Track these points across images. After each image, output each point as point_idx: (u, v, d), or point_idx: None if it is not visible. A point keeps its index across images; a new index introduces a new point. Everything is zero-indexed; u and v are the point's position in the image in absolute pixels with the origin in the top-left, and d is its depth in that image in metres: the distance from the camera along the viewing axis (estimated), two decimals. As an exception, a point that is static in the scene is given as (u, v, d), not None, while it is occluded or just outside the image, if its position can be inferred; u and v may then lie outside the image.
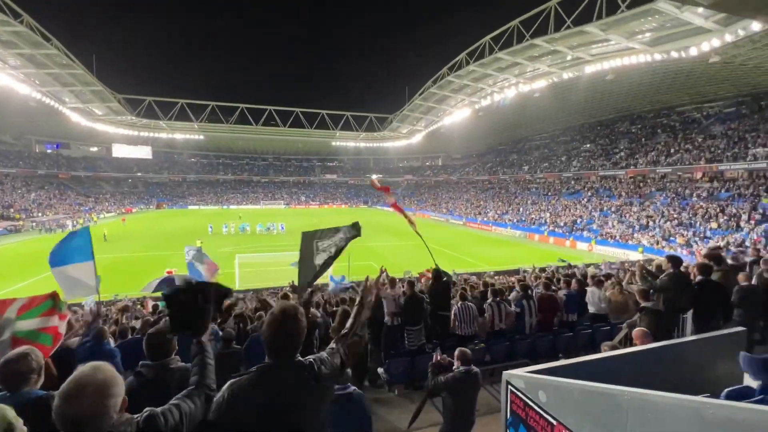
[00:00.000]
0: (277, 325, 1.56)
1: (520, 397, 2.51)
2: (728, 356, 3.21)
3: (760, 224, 23.14)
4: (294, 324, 1.57)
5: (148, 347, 2.14)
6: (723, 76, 29.14)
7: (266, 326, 1.57)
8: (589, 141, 47.43)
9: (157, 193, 69.38)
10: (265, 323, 1.59)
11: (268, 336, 1.56)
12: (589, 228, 32.74)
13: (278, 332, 1.56)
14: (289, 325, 1.56)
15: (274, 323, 1.56)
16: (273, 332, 1.56)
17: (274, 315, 1.58)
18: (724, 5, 4.12)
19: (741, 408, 1.47)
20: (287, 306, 1.63)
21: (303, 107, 58.68)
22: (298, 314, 1.60)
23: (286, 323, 1.56)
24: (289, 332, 1.56)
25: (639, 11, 21.04)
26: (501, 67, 34.40)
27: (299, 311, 1.62)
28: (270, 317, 1.59)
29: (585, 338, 6.21)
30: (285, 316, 1.57)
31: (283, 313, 1.58)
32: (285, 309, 1.60)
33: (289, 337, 1.56)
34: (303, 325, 1.60)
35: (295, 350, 1.58)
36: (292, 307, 1.62)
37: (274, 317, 1.57)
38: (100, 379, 1.20)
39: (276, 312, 1.60)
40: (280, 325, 1.56)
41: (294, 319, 1.58)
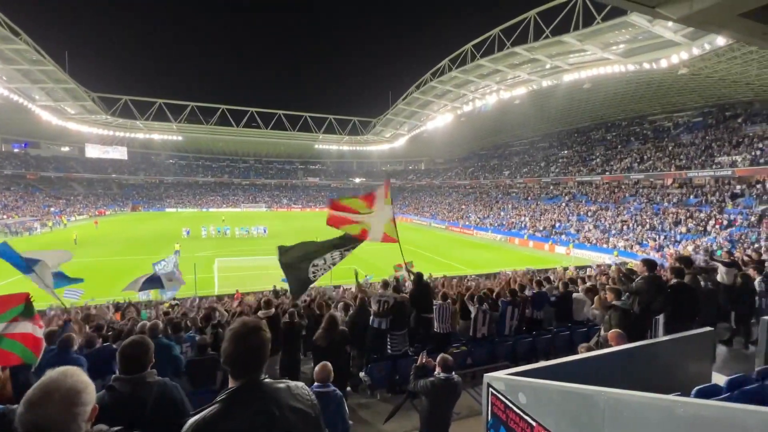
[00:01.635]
0: (241, 339, 1.41)
1: (501, 399, 2.53)
2: (697, 355, 3.34)
3: (725, 229, 24.30)
4: (258, 336, 1.44)
5: (123, 359, 1.96)
6: (691, 88, 30.57)
7: (227, 342, 1.42)
8: (567, 147, 48.79)
9: (133, 195, 67.16)
10: (224, 341, 1.44)
11: (230, 352, 1.40)
12: (567, 232, 33.59)
13: (240, 347, 1.41)
14: (252, 337, 1.43)
15: (235, 337, 1.42)
16: (234, 347, 1.41)
17: (235, 329, 1.44)
18: (691, 20, 4.31)
19: (709, 405, 1.52)
20: (247, 318, 1.53)
21: (286, 110, 58.17)
22: (261, 325, 1.49)
23: (248, 336, 1.42)
24: (252, 345, 1.42)
25: (613, 23, 21.87)
26: (482, 74, 35.04)
27: (262, 323, 1.51)
28: (230, 332, 1.44)
29: (563, 340, 6.35)
30: (247, 328, 1.44)
31: (244, 326, 1.45)
32: (245, 321, 1.48)
33: (252, 351, 1.43)
34: (267, 336, 1.47)
35: (261, 366, 1.45)
36: (252, 318, 1.55)
37: (234, 331, 1.43)
38: (69, 385, 1.11)
39: (236, 326, 1.46)
40: (245, 337, 1.42)
41: (257, 331, 1.45)
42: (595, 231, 31.55)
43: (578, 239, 31.21)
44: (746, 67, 23.63)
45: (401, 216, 60.14)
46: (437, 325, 6.02)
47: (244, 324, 1.46)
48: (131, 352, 1.97)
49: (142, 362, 1.96)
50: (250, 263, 23.00)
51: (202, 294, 15.59)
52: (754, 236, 22.07)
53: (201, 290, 16.05)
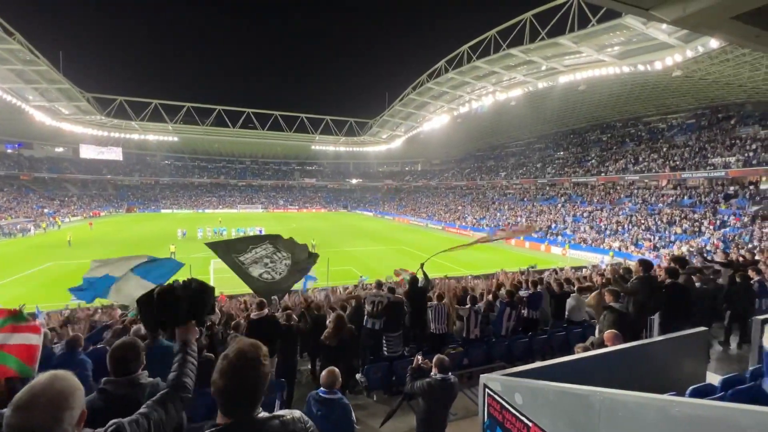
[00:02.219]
0: (234, 374, 1.24)
1: (497, 400, 2.53)
2: (692, 355, 3.36)
3: (719, 229, 24.51)
4: (255, 371, 1.26)
5: (113, 361, 1.95)
6: (685, 90, 30.83)
7: (219, 374, 1.24)
8: (563, 149, 49.04)
9: (128, 196, 66.74)
10: (216, 370, 1.26)
11: (222, 387, 1.23)
12: (563, 233, 33.73)
13: (236, 382, 1.24)
14: (250, 374, 1.25)
15: (231, 371, 1.24)
16: (229, 382, 1.24)
17: (229, 360, 1.26)
18: (684, 22, 4.34)
19: (704, 405, 1.53)
20: (246, 347, 1.29)
21: (282, 110, 58.05)
22: (260, 356, 1.29)
23: (244, 371, 1.25)
24: (248, 382, 1.25)
25: (608, 26, 22.02)
26: (479, 76, 35.15)
27: (262, 352, 1.31)
28: (224, 363, 1.26)
29: (560, 340, 6.37)
30: (244, 360, 1.26)
31: (241, 357, 1.26)
32: (243, 352, 1.28)
33: (248, 388, 1.26)
34: (267, 369, 1.30)
35: (257, 403, 1.29)
36: (251, 347, 1.30)
37: (229, 362, 1.25)
38: (57, 389, 1.11)
39: (232, 356, 1.26)
40: (240, 372, 1.24)
41: (255, 365, 1.27)
42: (590, 232, 31.71)
43: (574, 240, 31.35)
44: (738, 69, 23.88)
45: (398, 217, 60.19)
46: (433, 326, 6.02)
47: (241, 355, 1.27)
48: (122, 354, 1.96)
49: (133, 364, 1.96)
50: (246, 264, 22.85)
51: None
52: (747, 237, 22.27)
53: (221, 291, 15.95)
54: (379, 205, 73.51)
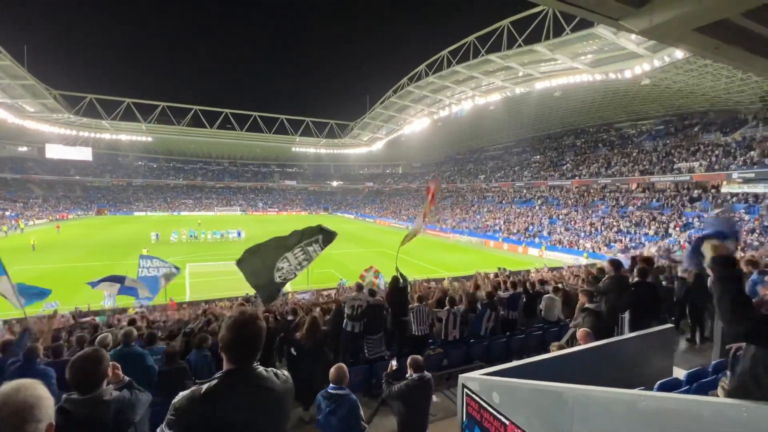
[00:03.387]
0: (238, 328, 1.50)
1: (475, 400, 2.56)
2: (660, 351, 3.50)
3: (685, 230, 25.73)
4: (255, 326, 1.53)
5: (74, 376, 1.75)
6: (653, 97, 32.30)
7: (226, 329, 1.51)
8: (539, 153, 50.37)
9: (98, 198, 64.08)
10: (223, 326, 1.53)
11: (229, 339, 1.49)
12: (539, 235, 34.59)
13: (240, 335, 1.49)
14: (251, 328, 1.52)
15: (235, 326, 1.50)
16: (234, 336, 1.49)
17: (235, 318, 1.54)
18: (651, 33, 4.56)
19: (669, 398, 1.60)
20: (244, 309, 1.61)
21: (261, 111, 57.14)
22: (258, 317, 1.58)
23: (247, 326, 1.51)
24: (249, 334, 1.51)
25: (581, 35, 22.83)
26: (458, 80, 35.70)
27: (258, 315, 1.59)
28: (229, 320, 1.53)
29: (536, 340, 6.51)
30: (245, 317, 1.53)
31: (242, 314, 1.55)
32: (243, 311, 1.57)
33: (249, 339, 1.51)
34: (263, 327, 1.57)
35: (256, 355, 1.54)
36: (249, 310, 1.61)
37: (235, 320, 1.52)
38: (20, 400, 1.03)
39: (235, 314, 1.56)
40: (242, 327, 1.50)
41: (254, 322, 1.54)
42: (566, 233, 32.63)
43: (550, 241, 32.19)
44: (701, 79, 25.22)
45: (379, 219, 60.21)
46: (415, 328, 6.03)
47: (242, 313, 1.56)
48: (82, 366, 1.77)
49: (93, 377, 1.78)
50: (223, 268, 22.34)
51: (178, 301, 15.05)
52: (710, 238, 23.44)
53: (171, 296, 15.46)
54: (360, 208, 73.36)
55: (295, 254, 5.44)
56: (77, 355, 1.85)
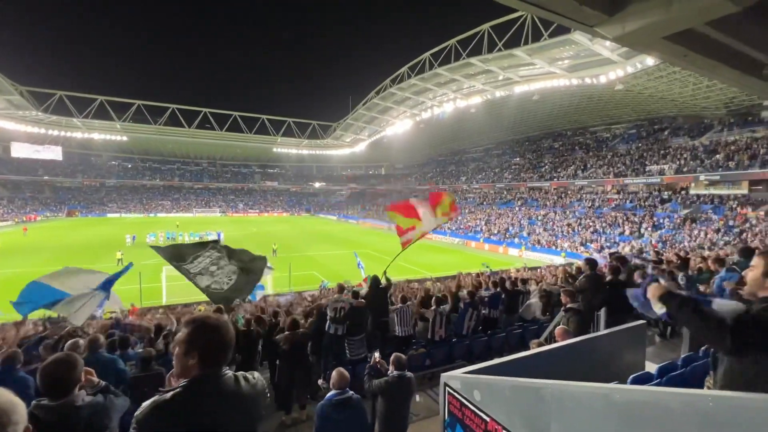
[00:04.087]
0: (208, 332, 1.42)
1: (457, 398, 2.59)
2: (633, 347, 3.63)
3: (656, 231, 26.79)
4: (226, 332, 1.46)
5: (45, 382, 1.70)
6: (626, 102, 33.54)
7: (193, 333, 1.43)
8: (519, 155, 51.48)
9: (69, 199, 61.53)
10: (188, 330, 1.44)
11: (201, 344, 1.41)
12: (519, 235, 35.31)
13: (209, 340, 1.42)
14: (221, 333, 1.44)
15: (205, 330, 1.42)
16: (204, 341, 1.41)
17: (202, 322, 1.45)
18: (624, 40, 4.76)
19: (641, 391, 1.67)
20: (211, 314, 1.51)
21: (242, 111, 56.16)
22: (226, 322, 1.50)
23: (218, 329, 1.43)
24: (220, 340, 1.44)
25: (558, 40, 23.50)
26: (440, 83, 36.11)
27: (223, 318, 1.52)
28: (196, 325, 1.44)
29: (516, 338, 6.64)
30: (216, 322, 1.45)
31: (209, 319, 1.46)
32: (210, 316, 1.49)
33: (221, 344, 1.44)
34: (232, 333, 1.49)
35: (226, 359, 1.46)
36: (214, 314, 1.54)
37: (204, 324, 1.44)
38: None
39: (203, 318, 1.46)
40: (212, 331, 1.43)
41: (225, 327, 1.46)
42: (544, 234, 33.44)
43: (530, 242, 32.90)
44: (671, 85, 26.37)
45: (361, 221, 60.13)
46: (399, 329, 6.05)
47: (208, 317, 1.47)
48: (54, 371, 1.73)
49: (67, 383, 1.73)
50: (202, 271, 21.81)
51: (148, 305, 14.61)
52: (680, 237, 24.50)
53: (147, 301, 15.00)
54: (342, 209, 73.06)
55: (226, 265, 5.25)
56: (49, 360, 1.79)
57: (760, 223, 22.52)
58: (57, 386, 1.71)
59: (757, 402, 1.19)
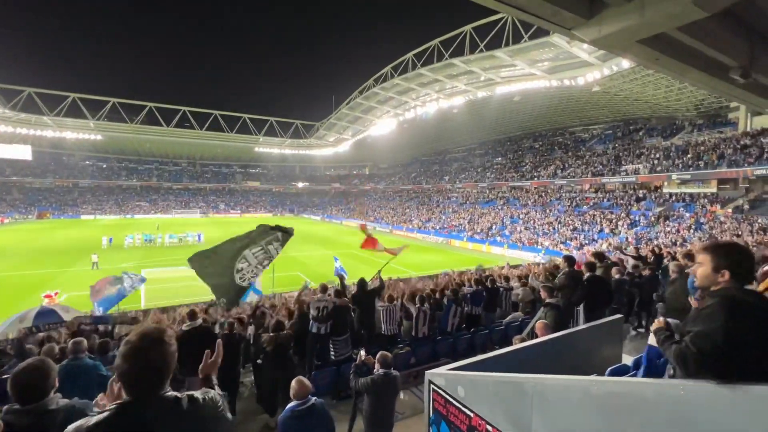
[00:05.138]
0: (136, 355, 1.26)
1: (441, 395, 2.62)
2: (610, 340, 3.75)
3: (632, 228, 27.69)
4: (159, 351, 1.29)
5: (17, 389, 1.65)
6: (603, 104, 34.55)
7: (120, 357, 1.27)
8: (501, 155, 52.31)
9: (39, 200, 59.03)
10: (119, 354, 1.28)
11: (126, 369, 1.25)
12: (502, 233, 35.89)
13: (138, 363, 1.25)
14: (153, 354, 1.27)
15: (133, 353, 1.26)
16: (131, 364, 1.25)
17: (132, 342, 1.28)
18: (600, 43, 4.91)
19: (617, 382, 1.73)
20: (148, 330, 1.33)
21: (222, 110, 55.10)
22: (164, 338, 1.32)
23: (148, 351, 1.27)
24: (153, 362, 1.27)
25: (538, 42, 24.00)
26: (423, 83, 36.34)
27: (166, 334, 1.34)
28: (126, 346, 1.28)
29: (499, 335, 6.75)
30: (146, 342, 1.28)
31: (143, 340, 1.29)
32: (146, 334, 1.31)
33: (153, 368, 1.28)
34: (172, 350, 1.32)
35: (163, 382, 1.30)
36: (155, 330, 1.34)
37: (132, 345, 1.27)
38: None
39: (134, 339, 1.29)
40: (142, 353, 1.26)
41: (159, 345, 1.29)
42: (526, 232, 34.09)
43: (512, 240, 33.49)
44: (644, 87, 27.32)
45: (346, 221, 59.93)
46: (384, 327, 6.08)
47: (143, 336, 1.29)
48: (27, 378, 1.67)
49: (40, 390, 1.67)
50: (180, 273, 21.29)
51: (126, 309, 14.15)
52: (654, 234, 25.40)
53: (124, 305, 14.52)
54: (326, 209, 72.64)
55: (255, 254, 5.22)
56: (22, 366, 1.71)
57: (728, 220, 23.58)
58: (30, 393, 1.66)
59: (724, 390, 1.25)
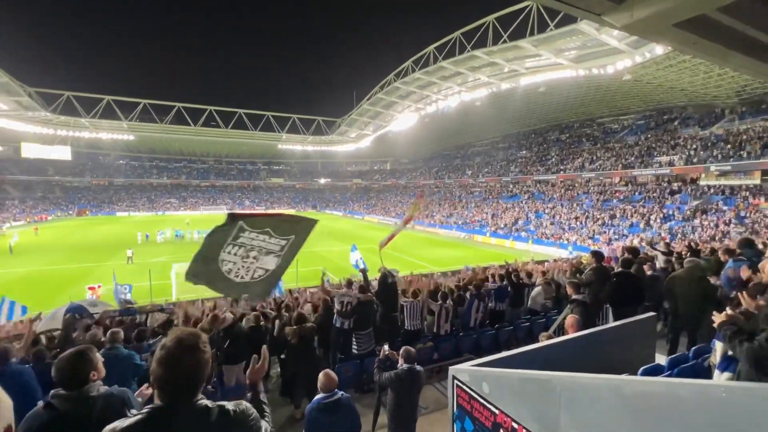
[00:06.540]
0: (170, 362, 1.27)
1: (466, 391, 2.60)
2: (643, 339, 3.60)
3: (665, 222, 26.45)
4: (194, 359, 1.30)
5: (60, 374, 1.76)
6: (634, 93, 32.97)
7: (156, 362, 1.29)
8: (525, 148, 50.99)
9: (78, 198, 62.35)
10: (155, 358, 1.31)
11: (160, 374, 1.27)
12: (526, 229, 35.10)
13: (172, 370, 1.28)
14: (188, 361, 1.29)
15: (168, 359, 1.28)
16: (165, 370, 1.27)
17: (168, 348, 1.29)
18: (632, 28, 4.65)
19: (652, 382, 1.66)
20: (184, 336, 1.34)
21: (246, 108, 56.25)
22: (199, 344, 1.33)
23: (182, 358, 1.28)
24: (186, 369, 1.29)
25: (564, 30, 23.12)
26: (445, 76, 35.80)
27: (201, 340, 1.35)
28: (162, 351, 1.30)
29: (524, 331, 6.63)
30: (181, 349, 1.29)
31: (178, 346, 1.30)
32: (182, 339, 1.32)
33: (186, 375, 1.29)
34: (206, 358, 1.34)
35: (196, 389, 1.32)
36: (190, 335, 1.35)
37: (168, 351, 1.29)
38: None
39: (170, 344, 1.30)
40: (176, 360, 1.27)
41: (194, 352, 1.31)
42: (551, 227, 33.19)
43: (537, 235, 32.70)
44: (680, 74, 25.84)
45: (367, 216, 60.20)
46: (408, 323, 6.07)
47: (179, 342, 1.31)
48: (67, 364, 1.78)
49: (81, 375, 1.78)
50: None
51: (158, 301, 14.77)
52: (690, 228, 24.17)
53: (156, 298, 15.19)
54: (348, 205, 73.15)
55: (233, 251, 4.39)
56: (65, 353, 1.84)
57: (773, 213, 22.13)
58: (72, 377, 1.77)
59: (772, 392, 1.17)
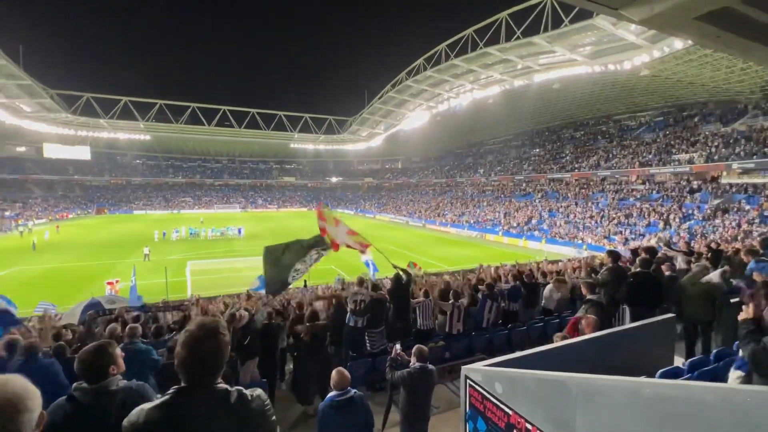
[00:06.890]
0: (193, 344, 1.37)
1: (478, 390, 2.57)
2: (661, 340, 3.51)
3: (685, 222, 25.74)
4: (215, 342, 1.40)
5: (82, 367, 1.84)
6: (652, 89, 32.14)
7: (180, 345, 1.38)
8: (539, 146, 50.24)
9: (97, 197, 64.00)
10: (179, 342, 1.40)
11: (184, 356, 1.36)
12: (539, 228, 34.61)
13: (195, 351, 1.37)
14: (209, 344, 1.38)
15: (191, 342, 1.37)
16: (188, 352, 1.36)
17: (191, 332, 1.39)
18: (651, 22, 4.52)
19: (671, 385, 1.61)
20: (206, 321, 1.46)
21: (259, 108, 56.88)
22: (219, 329, 1.43)
23: (204, 341, 1.38)
24: (207, 352, 1.38)
25: (579, 26, 22.67)
26: (457, 74, 35.52)
27: (221, 326, 1.45)
28: (185, 335, 1.39)
29: (537, 331, 6.54)
30: (204, 332, 1.39)
31: (201, 329, 1.40)
32: (204, 324, 1.43)
33: (207, 357, 1.38)
34: (225, 341, 1.43)
35: (216, 372, 1.41)
36: (212, 321, 1.46)
37: (191, 334, 1.38)
38: (10, 392, 1.07)
39: (193, 329, 1.40)
40: (198, 343, 1.37)
41: (215, 336, 1.40)
42: (565, 226, 32.66)
43: (550, 234, 32.21)
44: (701, 69, 25.07)
45: (378, 215, 60.25)
46: (420, 322, 6.07)
47: (201, 326, 1.41)
48: (89, 358, 1.85)
49: (101, 369, 1.84)
50: (224, 265, 22.43)
51: (175, 298, 15.06)
52: (710, 228, 23.47)
53: (172, 294, 15.50)
54: (359, 204, 73.34)
55: (312, 256, 5.74)
56: (87, 347, 1.90)
57: (799, 212, 21.33)
58: (93, 371, 1.83)
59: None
